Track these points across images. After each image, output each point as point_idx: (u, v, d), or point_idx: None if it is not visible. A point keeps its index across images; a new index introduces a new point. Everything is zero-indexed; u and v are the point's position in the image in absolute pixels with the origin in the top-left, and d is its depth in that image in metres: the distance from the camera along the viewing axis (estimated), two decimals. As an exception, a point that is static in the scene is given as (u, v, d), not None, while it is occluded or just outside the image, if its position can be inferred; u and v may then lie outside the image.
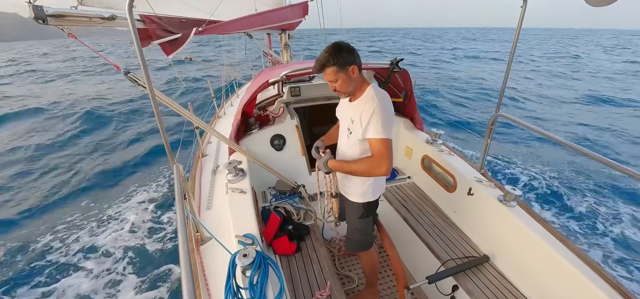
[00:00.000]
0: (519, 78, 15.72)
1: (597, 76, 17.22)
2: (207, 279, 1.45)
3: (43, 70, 22.52)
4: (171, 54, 2.33)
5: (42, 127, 8.89)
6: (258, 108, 3.01)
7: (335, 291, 1.75)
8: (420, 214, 2.39)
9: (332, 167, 1.64)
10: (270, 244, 2.01)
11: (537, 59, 25.20)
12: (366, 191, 1.69)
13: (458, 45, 39.69)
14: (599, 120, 9.15)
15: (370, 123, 1.43)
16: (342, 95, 1.53)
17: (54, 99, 11.78)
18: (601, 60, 25.17)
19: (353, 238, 1.86)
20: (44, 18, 1.45)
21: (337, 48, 1.39)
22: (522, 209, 1.89)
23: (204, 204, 2.02)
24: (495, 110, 2.30)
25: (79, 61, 27.57)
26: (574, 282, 1.50)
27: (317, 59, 1.44)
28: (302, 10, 4.35)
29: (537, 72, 18.29)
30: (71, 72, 20.87)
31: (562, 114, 10.01)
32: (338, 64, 1.40)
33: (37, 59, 33.50)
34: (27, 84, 17.03)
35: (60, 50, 46.13)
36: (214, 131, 2.23)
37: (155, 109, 1.37)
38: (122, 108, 10.46)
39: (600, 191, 5.16)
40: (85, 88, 14.69)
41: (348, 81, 1.44)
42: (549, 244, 1.63)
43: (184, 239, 1.05)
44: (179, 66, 15.51)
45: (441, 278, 1.84)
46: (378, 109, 1.41)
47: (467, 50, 31.50)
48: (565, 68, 20.21)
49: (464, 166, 2.33)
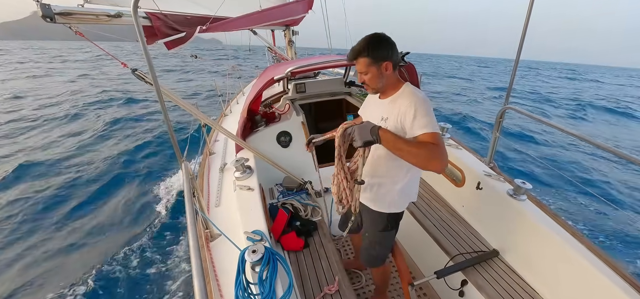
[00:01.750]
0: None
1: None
2: (217, 275, 1.46)
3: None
4: (173, 48, 2.34)
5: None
6: (264, 105, 3.01)
7: (344, 287, 1.74)
8: (428, 209, 2.37)
9: (385, 139, 1.23)
10: (278, 240, 2.02)
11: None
12: (395, 200, 1.48)
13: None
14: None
15: (417, 118, 1.25)
16: (370, 89, 1.42)
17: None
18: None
19: (372, 252, 1.69)
20: (51, 16, 1.46)
21: (375, 39, 1.30)
22: (532, 203, 1.86)
23: (212, 202, 2.03)
24: (504, 102, 2.26)
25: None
26: (587, 276, 1.47)
27: (353, 46, 1.34)
28: (307, 5, 4.32)
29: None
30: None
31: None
32: (372, 57, 1.30)
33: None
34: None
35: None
36: (221, 128, 2.23)
37: (162, 106, 1.37)
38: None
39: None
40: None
41: (379, 76, 1.34)
42: (560, 238, 1.60)
43: (194, 236, 1.05)
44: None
45: (450, 273, 1.82)
46: (423, 104, 1.27)
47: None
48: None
49: (473, 160, 2.30)
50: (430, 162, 1.19)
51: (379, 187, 1.49)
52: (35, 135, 8.02)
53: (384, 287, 1.96)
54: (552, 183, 5.65)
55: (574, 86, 29.40)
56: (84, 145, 7.33)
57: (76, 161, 6.48)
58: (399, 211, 1.54)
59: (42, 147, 7.24)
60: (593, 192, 2.75)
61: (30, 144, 7.44)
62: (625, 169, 6.50)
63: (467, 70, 43.05)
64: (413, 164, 1.25)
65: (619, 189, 5.60)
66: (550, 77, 39.98)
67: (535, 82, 29.58)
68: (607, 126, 11.79)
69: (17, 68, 24.32)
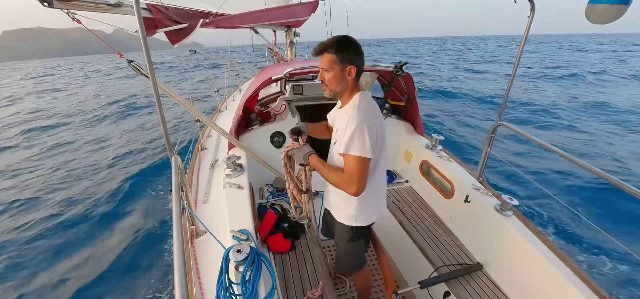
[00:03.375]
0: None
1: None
2: (199, 273, 1.45)
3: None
4: (177, 43, 2.34)
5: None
6: (260, 104, 3.01)
7: (327, 292, 1.75)
8: (416, 219, 2.39)
9: (313, 165, 1.49)
10: (264, 241, 2.02)
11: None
12: (351, 215, 1.52)
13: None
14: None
15: (345, 136, 1.29)
16: (327, 90, 1.39)
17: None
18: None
19: (344, 261, 1.76)
20: (49, 1, 1.44)
21: (345, 40, 1.30)
22: (518, 219, 1.89)
23: (200, 198, 2.03)
24: (497, 118, 2.29)
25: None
26: (567, 296, 1.50)
27: (322, 41, 1.34)
28: (311, 7, 4.33)
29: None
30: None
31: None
32: (339, 55, 1.29)
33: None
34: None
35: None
36: (214, 124, 2.23)
37: (156, 98, 1.37)
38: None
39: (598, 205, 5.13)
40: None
41: (339, 78, 1.32)
42: (543, 256, 1.63)
43: (178, 231, 1.05)
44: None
45: (433, 284, 1.84)
46: (359, 124, 1.26)
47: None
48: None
49: (463, 172, 2.33)
50: (341, 188, 1.35)
51: (339, 204, 1.57)
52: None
53: (366, 293, 1.97)
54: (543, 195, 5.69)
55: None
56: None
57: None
58: (359, 225, 1.55)
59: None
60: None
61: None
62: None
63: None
64: (333, 185, 1.42)
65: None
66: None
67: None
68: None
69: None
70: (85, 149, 7.75)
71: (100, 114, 11.80)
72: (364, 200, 1.48)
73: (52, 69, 49.14)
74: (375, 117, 1.33)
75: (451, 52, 43.38)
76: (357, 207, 1.50)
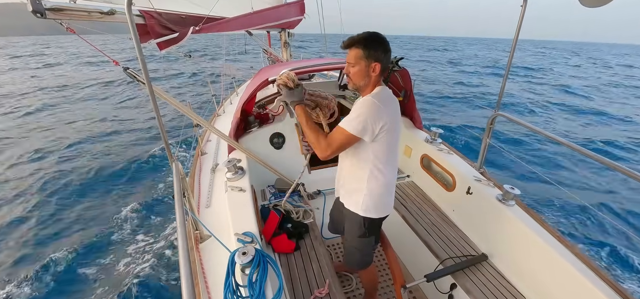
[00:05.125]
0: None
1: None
2: (206, 277, 1.44)
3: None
4: (165, 49, 2.31)
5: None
6: (258, 106, 3.00)
7: (334, 289, 1.74)
8: (419, 213, 2.39)
9: (297, 113, 1.51)
10: (269, 242, 2.01)
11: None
12: (364, 203, 1.51)
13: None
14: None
15: (351, 113, 1.35)
16: (350, 83, 1.41)
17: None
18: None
19: (352, 257, 1.74)
20: (42, 12, 1.43)
21: (373, 37, 1.31)
22: (520, 209, 1.90)
23: (203, 202, 2.01)
24: (495, 109, 2.30)
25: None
26: (572, 281, 1.50)
27: (351, 36, 1.34)
28: (299, 8, 4.32)
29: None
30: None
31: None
32: (366, 51, 1.30)
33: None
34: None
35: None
36: (214, 128, 2.22)
37: (154, 105, 1.36)
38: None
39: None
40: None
41: (364, 73, 1.34)
42: (547, 244, 1.64)
43: (183, 237, 1.04)
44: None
45: (439, 277, 1.84)
46: (361, 105, 1.32)
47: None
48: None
49: (463, 165, 2.33)
50: (314, 146, 1.40)
51: (352, 191, 1.57)
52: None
53: (372, 290, 1.97)
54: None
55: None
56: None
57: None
58: (372, 216, 1.54)
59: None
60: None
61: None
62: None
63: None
64: (309, 138, 1.45)
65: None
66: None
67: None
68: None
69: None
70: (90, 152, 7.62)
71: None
72: (374, 189, 1.49)
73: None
74: (388, 109, 1.34)
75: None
76: (366, 195, 1.49)
